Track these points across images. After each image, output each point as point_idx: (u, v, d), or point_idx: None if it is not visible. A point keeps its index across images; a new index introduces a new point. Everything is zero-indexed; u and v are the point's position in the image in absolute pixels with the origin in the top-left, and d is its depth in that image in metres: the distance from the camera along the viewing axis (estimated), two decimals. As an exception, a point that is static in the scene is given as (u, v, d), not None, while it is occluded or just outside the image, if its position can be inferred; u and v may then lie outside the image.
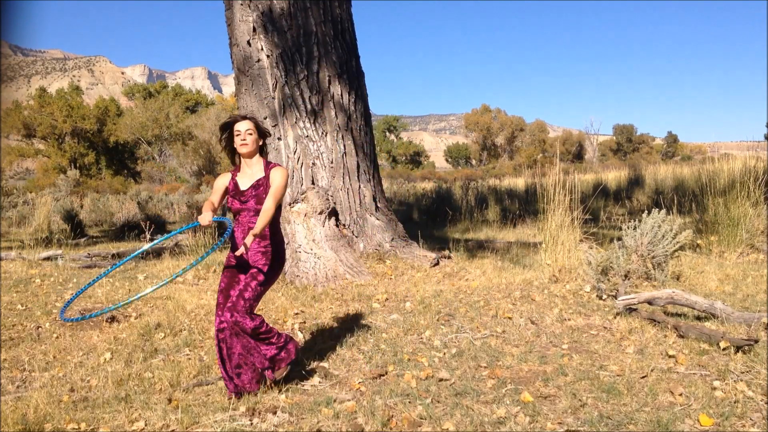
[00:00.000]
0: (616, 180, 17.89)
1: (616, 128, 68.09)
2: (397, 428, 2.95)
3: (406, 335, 4.43)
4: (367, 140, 7.35)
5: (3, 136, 38.37)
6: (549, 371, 3.62)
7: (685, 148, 69.24)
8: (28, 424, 3.05)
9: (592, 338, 4.23)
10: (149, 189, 25.22)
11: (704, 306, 4.39)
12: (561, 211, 5.94)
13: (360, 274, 6.23)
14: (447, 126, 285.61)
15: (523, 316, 4.72)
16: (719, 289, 5.41)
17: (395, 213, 7.72)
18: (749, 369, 3.40)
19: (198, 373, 3.82)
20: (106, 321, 5.10)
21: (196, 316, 5.14)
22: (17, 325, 5.11)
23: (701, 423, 2.84)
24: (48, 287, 6.68)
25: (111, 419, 3.13)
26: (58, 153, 37.55)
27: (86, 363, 4.08)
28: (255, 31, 6.81)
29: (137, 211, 14.32)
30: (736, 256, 6.77)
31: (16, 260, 8.18)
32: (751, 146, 11.01)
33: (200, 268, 7.29)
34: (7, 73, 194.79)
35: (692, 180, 12.53)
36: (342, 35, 7.10)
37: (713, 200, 7.22)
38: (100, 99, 44.53)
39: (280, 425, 3.02)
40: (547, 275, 5.79)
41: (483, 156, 61.65)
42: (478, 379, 3.54)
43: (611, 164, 37.71)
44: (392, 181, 27.32)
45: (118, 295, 6.20)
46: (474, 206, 13.16)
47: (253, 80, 6.91)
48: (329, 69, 6.93)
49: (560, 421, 2.96)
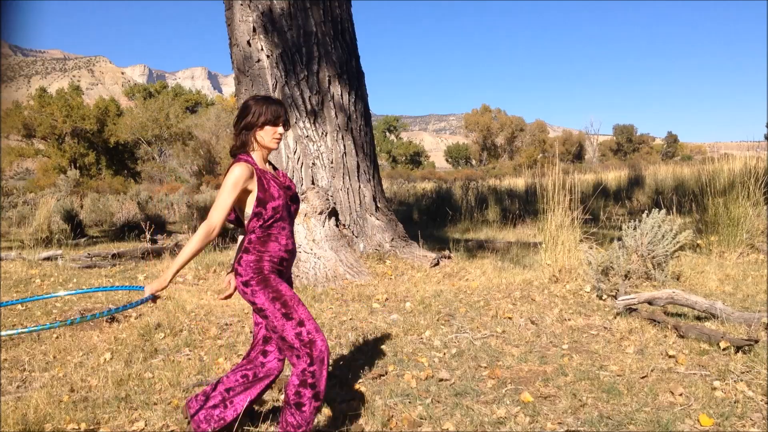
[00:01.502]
0: (616, 180, 17.90)
1: (616, 128, 68.13)
2: (397, 428, 2.95)
3: (406, 335, 4.43)
4: (367, 140, 7.35)
5: (3, 136, 38.36)
6: (549, 371, 3.62)
7: (685, 148, 69.29)
8: (28, 424, 3.05)
9: (592, 338, 4.23)
10: (149, 189, 25.21)
11: (704, 306, 4.39)
12: (561, 211, 5.94)
13: (360, 274, 6.23)
14: (447, 126, 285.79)
15: (523, 316, 4.72)
16: (719, 289, 5.41)
17: (395, 213, 7.72)
18: (749, 369, 3.40)
19: (198, 373, 3.82)
20: (106, 321, 5.10)
21: (196, 316, 5.14)
22: (17, 325, 5.11)
23: (701, 423, 2.84)
24: (48, 287, 6.68)
25: (111, 419, 3.13)
26: (58, 153, 37.55)
27: (86, 363, 4.08)
28: (255, 31, 6.81)
29: (137, 211, 14.33)
30: (736, 256, 6.77)
31: (16, 260, 8.18)
32: (751, 146, 11.02)
33: (200, 269, 7.29)
34: (7, 73, 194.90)
35: (692, 180, 12.52)
36: (342, 35, 7.11)
37: (713, 200, 7.22)
38: (100, 99, 44.53)
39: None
40: (547, 275, 5.79)
41: (483, 156, 61.66)
42: (478, 379, 3.54)
43: (611, 164, 37.74)
44: (392, 181, 27.34)
45: (118, 295, 6.21)
46: (474, 206, 13.16)
47: (253, 80, 6.91)
48: (329, 69, 6.93)
49: (560, 421, 2.96)
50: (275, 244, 2.61)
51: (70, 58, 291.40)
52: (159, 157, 39.47)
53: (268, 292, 2.55)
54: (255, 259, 2.58)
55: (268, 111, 2.63)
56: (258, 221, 2.58)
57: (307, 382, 2.47)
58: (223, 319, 5.04)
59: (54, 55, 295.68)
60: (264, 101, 2.67)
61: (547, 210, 6.07)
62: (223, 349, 4.28)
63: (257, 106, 2.64)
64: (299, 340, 2.49)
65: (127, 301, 5.88)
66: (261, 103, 2.66)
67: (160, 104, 40.75)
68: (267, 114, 2.63)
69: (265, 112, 2.63)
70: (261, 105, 2.65)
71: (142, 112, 40.44)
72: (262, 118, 2.62)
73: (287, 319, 2.52)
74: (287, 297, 2.55)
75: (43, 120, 37.49)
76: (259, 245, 2.59)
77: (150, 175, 37.37)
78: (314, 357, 2.47)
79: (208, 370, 3.87)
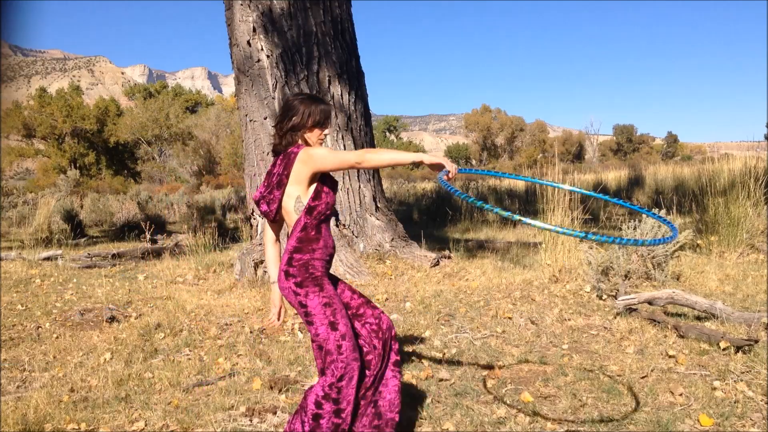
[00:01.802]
0: (616, 180, 17.89)
1: (616, 128, 68.10)
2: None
3: (406, 335, 4.43)
4: (367, 140, 7.35)
5: (3, 136, 38.34)
6: (549, 371, 3.62)
7: (685, 148, 69.25)
8: (28, 424, 3.05)
9: (592, 338, 4.23)
10: (149, 189, 25.20)
11: (704, 306, 4.39)
12: (561, 211, 5.94)
13: (360, 274, 6.23)
14: (447, 126, 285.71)
15: (523, 316, 4.72)
16: (719, 289, 5.41)
17: (395, 213, 7.72)
18: (749, 369, 3.40)
19: (198, 373, 3.82)
20: (106, 321, 5.10)
21: (196, 316, 5.14)
22: (17, 325, 5.11)
23: (701, 423, 2.84)
24: (48, 287, 6.68)
25: (111, 419, 3.14)
26: (58, 153, 37.54)
27: (86, 363, 4.08)
28: (255, 31, 6.81)
29: (137, 211, 14.32)
30: (736, 256, 6.77)
31: (16, 260, 8.18)
32: (751, 146, 11.02)
33: (200, 269, 7.29)
34: (7, 73, 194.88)
35: (692, 180, 12.52)
36: (342, 35, 7.11)
37: (713, 200, 7.22)
38: (100, 99, 44.53)
39: (280, 425, 3.02)
40: (547, 275, 5.79)
41: (483, 156, 61.63)
42: (478, 379, 3.54)
43: (611, 164, 37.73)
44: (392, 181, 27.33)
45: (118, 295, 6.21)
46: (474, 206, 13.15)
47: (253, 80, 6.91)
48: (329, 69, 6.93)
49: (560, 421, 2.96)
50: (324, 242, 2.49)
51: (70, 58, 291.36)
52: (159, 157, 39.46)
53: (322, 296, 2.43)
54: (308, 258, 2.45)
55: (317, 112, 2.50)
56: (308, 216, 2.45)
57: (331, 397, 2.37)
58: (223, 319, 5.03)
59: (54, 55, 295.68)
60: (311, 101, 2.52)
61: (547, 210, 6.08)
62: (223, 349, 4.28)
63: (305, 106, 2.50)
64: (338, 353, 2.38)
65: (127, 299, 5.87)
66: (309, 103, 2.51)
67: (160, 104, 40.74)
68: (316, 115, 2.50)
69: (313, 113, 2.49)
70: (309, 105, 2.50)
71: (142, 112, 40.44)
72: (311, 120, 2.50)
73: (332, 329, 2.40)
74: (336, 306, 2.45)
75: (43, 120, 37.48)
76: (312, 243, 2.45)
77: (150, 175, 37.37)
78: (345, 374, 2.38)
79: (208, 370, 3.87)
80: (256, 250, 6.64)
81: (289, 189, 2.48)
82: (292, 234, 2.49)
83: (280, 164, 2.51)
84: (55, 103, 38.86)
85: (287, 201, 2.49)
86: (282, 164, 2.49)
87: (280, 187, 2.49)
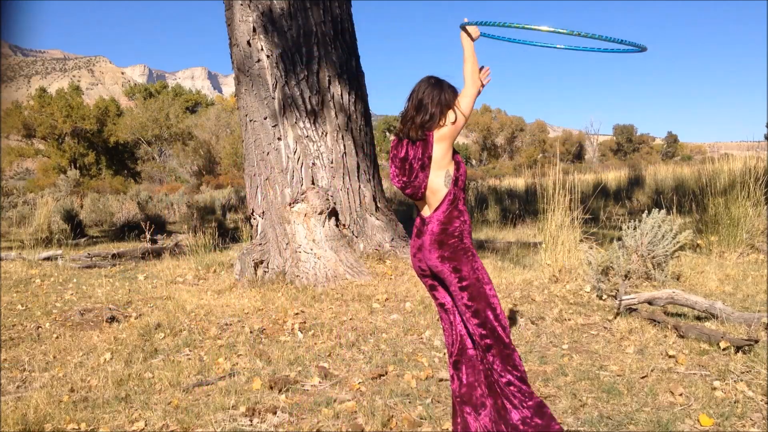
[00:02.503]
0: (616, 180, 17.90)
1: (616, 128, 68.05)
2: (397, 428, 2.95)
3: (406, 335, 4.43)
4: (367, 140, 7.35)
5: (3, 136, 38.33)
6: (549, 371, 3.62)
7: (685, 148, 69.19)
8: (28, 424, 3.05)
9: (592, 338, 4.23)
10: (149, 189, 25.18)
11: (704, 306, 4.39)
12: (561, 211, 5.94)
13: (360, 274, 6.23)
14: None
15: (523, 316, 4.72)
16: (719, 289, 5.41)
17: (395, 213, 7.72)
18: (749, 369, 3.40)
19: (198, 373, 3.82)
20: (106, 321, 5.10)
21: (196, 316, 5.14)
22: (17, 325, 5.11)
23: (701, 423, 2.84)
24: (48, 287, 6.68)
25: (111, 419, 3.14)
26: (58, 153, 37.52)
27: (86, 363, 4.08)
28: (255, 31, 6.82)
29: (137, 211, 14.32)
30: (737, 256, 6.77)
31: (16, 260, 8.18)
32: (751, 146, 11.02)
33: (200, 269, 7.29)
34: (7, 73, 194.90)
35: (692, 180, 12.53)
36: (342, 35, 7.11)
37: (713, 200, 7.22)
38: (100, 99, 44.52)
39: (280, 425, 3.02)
40: (547, 275, 5.79)
41: (483, 156, 61.63)
42: (478, 379, 3.54)
43: (611, 164, 37.73)
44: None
45: (118, 295, 6.21)
46: (474, 206, 13.16)
47: (253, 80, 6.91)
48: (329, 69, 6.93)
49: (560, 421, 2.96)
50: (467, 214, 2.60)
51: (70, 58, 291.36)
52: (159, 157, 39.45)
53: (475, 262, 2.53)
54: (460, 229, 2.53)
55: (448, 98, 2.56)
56: (456, 187, 2.53)
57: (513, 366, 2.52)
58: (223, 319, 5.04)
59: (54, 55, 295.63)
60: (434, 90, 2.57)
61: (547, 210, 6.07)
62: (223, 349, 4.28)
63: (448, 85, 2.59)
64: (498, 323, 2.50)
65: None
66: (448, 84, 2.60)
67: (160, 104, 40.72)
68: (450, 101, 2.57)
69: (455, 92, 2.59)
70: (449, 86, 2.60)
71: (142, 112, 40.42)
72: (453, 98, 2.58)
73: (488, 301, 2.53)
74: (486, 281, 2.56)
75: (43, 120, 37.46)
76: (463, 215, 2.55)
77: (150, 175, 37.36)
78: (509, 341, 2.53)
79: (208, 370, 3.87)
80: (256, 250, 6.64)
81: (433, 167, 2.54)
82: (439, 208, 2.55)
83: (417, 148, 2.55)
84: (55, 103, 38.84)
85: (435, 180, 2.54)
86: (419, 148, 2.54)
87: (424, 169, 2.55)
